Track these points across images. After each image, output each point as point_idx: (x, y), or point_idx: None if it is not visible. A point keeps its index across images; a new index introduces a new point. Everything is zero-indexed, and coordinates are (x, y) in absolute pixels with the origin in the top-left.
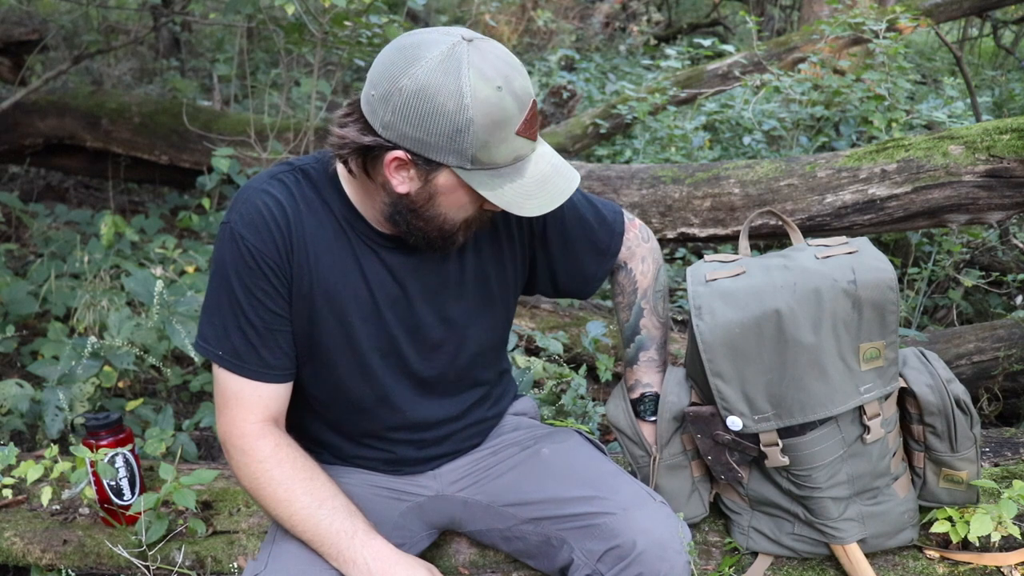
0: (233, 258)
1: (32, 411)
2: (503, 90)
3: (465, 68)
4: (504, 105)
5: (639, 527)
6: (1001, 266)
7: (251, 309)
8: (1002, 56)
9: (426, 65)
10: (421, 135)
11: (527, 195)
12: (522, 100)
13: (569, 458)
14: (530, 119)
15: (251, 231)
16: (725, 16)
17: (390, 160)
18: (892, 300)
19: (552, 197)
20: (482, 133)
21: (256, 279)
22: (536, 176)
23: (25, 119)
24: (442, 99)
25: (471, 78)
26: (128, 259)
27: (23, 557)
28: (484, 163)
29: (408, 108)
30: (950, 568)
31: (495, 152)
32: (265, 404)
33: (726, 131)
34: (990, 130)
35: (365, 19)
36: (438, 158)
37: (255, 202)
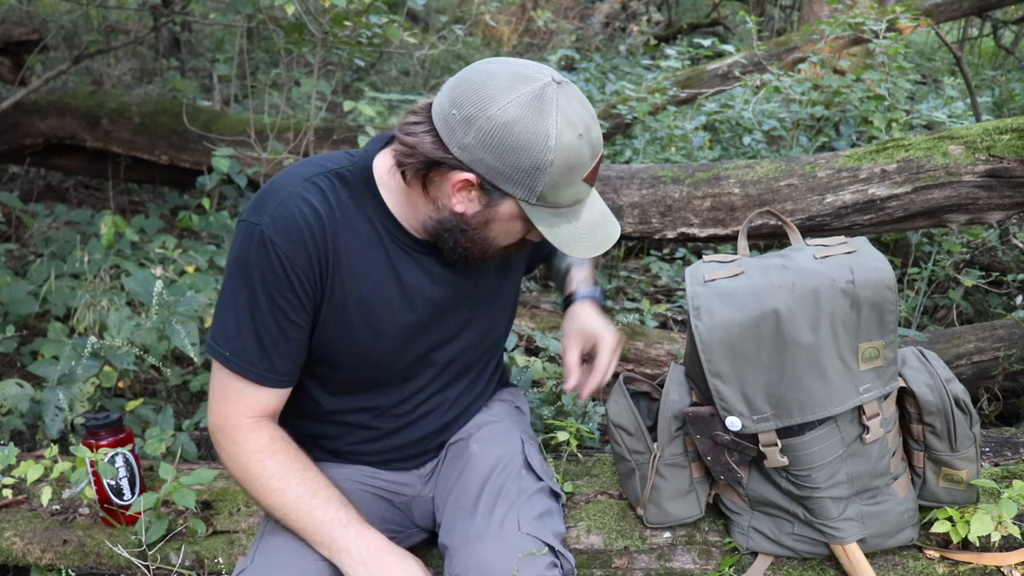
0: (261, 263)
1: (32, 411)
2: (583, 138)
3: (554, 111)
4: (582, 152)
5: (478, 560)
6: (1001, 266)
7: (271, 315)
8: (1002, 56)
9: (518, 100)
10: (499, 165)
11: (579, 238)
12: (595, 149)
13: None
14: (596, 168)
15: (284, 239)
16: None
17: (458, 180)
18: (891, 300)
19: (599, 243)
20: (557, 175)
21: (282, 288)
22: (589, 221)
23: (25, 119)
24: (529, 136)
25: (559, 122)
26: (128, 259)
27: (23, 557)
28: (548, 202)
29: (492, 137)
30: (950, 568)
31: (561, 194)
32: (264, 404)
33: (726, 131)
34: (990, 130)
35: (365, 19)
36: (507, 189)
37: (290, 208)
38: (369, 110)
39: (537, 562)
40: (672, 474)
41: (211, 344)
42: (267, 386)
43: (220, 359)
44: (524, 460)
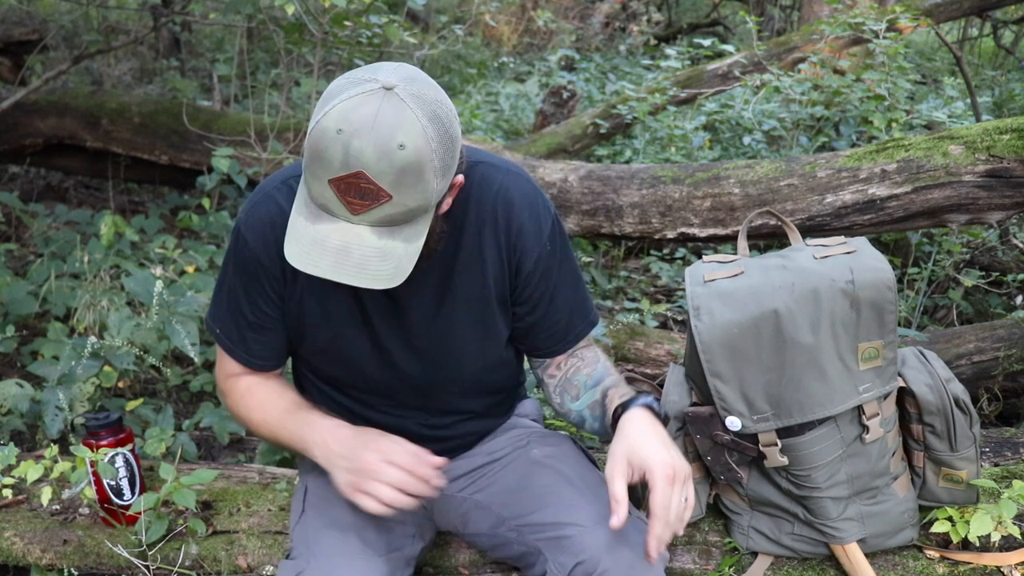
0: (236, 256)
1: (32, 411)
2: (341, 135)
3: (342, 97)
4: (330, 147)
5: (608, 544)
6: (1001, 266)
7: (245, 303)
8: (1002, 56)
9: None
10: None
11: (295, 237)
12: (349, 160)
13: (554, 464)
14: (348, 182)
15: (252, 234)
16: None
17: None
18: (890, 300)
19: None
20: (308, 156)
21: (250, 280)
22: (318, 236)
23: (25, 119)
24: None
25: (333, 107)
26: (128, 259)
27: (23, 557)
28: (308, 187)
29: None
30: (950, 568)
31: (310, 182)
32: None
33: (726, 131)
34: (990, 130)
35: (365, 19)
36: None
37: (260, 208)
38: None
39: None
40: None
41: (208, 320)
42: (254, 370)
43: (213, 334)
44: (584, 454)
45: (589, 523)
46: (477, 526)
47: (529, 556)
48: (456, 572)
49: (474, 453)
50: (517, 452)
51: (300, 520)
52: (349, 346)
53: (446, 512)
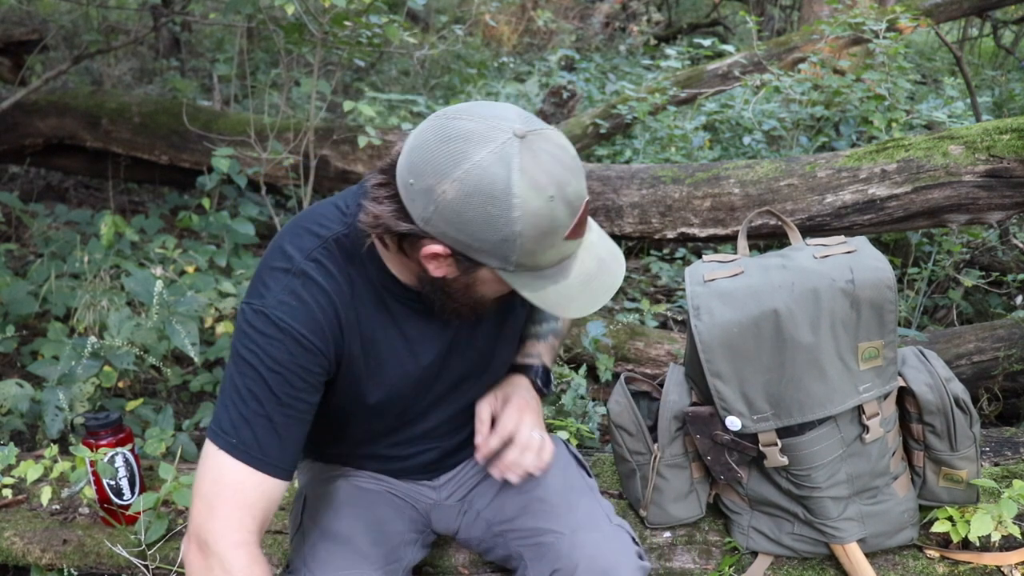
0: (272, 348)
1: (32, 411)
2: (555, 200)
3: (516, 175)
4: (555, 215)
5: (583, 552)
6: (1001, 266)
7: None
8: (1002, 56)
9: (474, 170)
10: (464, 238)
11: (570, 298)
12: (574, 206)
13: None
14: (580, 222)
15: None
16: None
17: (427, 252)
18: (890, 299)
19: (595, 297)
20: (529, 244)
21: (296, 371)
22: (580, 276)
23: (25, 119)
24: (490, 209)
25: (522, 188)
26: (128, 259)
27: (23, 557)
28: (528, 267)
29: (452, 212)
30: (950, 568)
31: (540, 258)
32: (263, 504)
33: (726, 131)
34: (990, 130)
35: (365, 19)
36: (480, 259)
37: (297, 290)
38: (369, 110)
39: (632, 551)
40: (673, 475)
41: (216, 431)
42: (269, 475)
43: (226, 447)
44: (575, 459)
45: (567, 530)
46: (469, 531)
47: (513, 561)
48: (456, 572)
49: (474, 461)
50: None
51: (298, 532)
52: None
53: (444, 520)
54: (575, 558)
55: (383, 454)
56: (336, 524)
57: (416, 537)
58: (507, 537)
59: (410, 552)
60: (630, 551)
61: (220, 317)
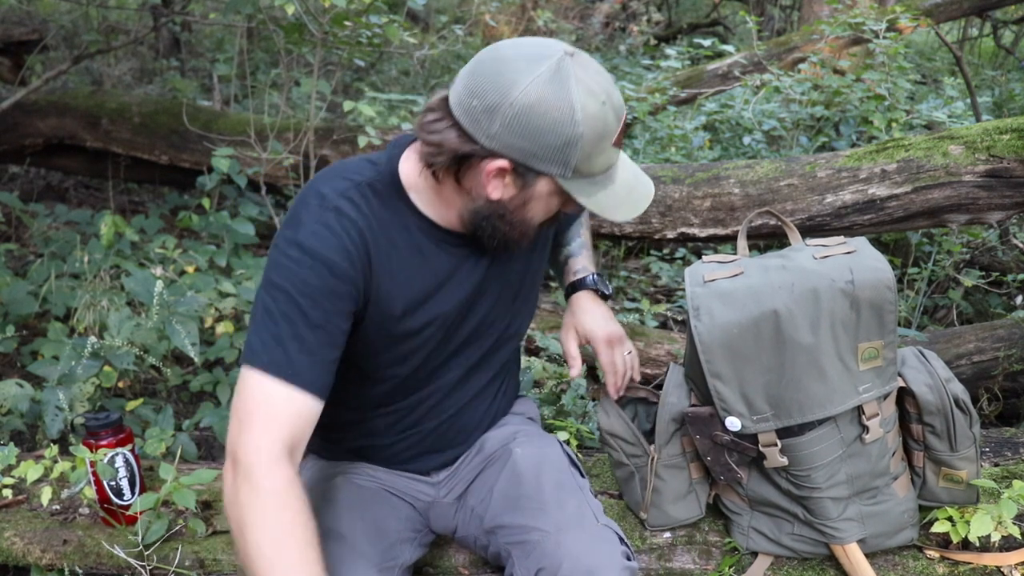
0: (304, 275)
1: (32, 411)
2: (607, 104)
3: (574, 84)
4: (608, 119)
5: (568, 551)
6: (1001, 266)
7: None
8: (1002, 56)
9: (538, 80)
10: (530, 146)
11: (618, 202)
12: (619, 113)
13: (533, 464)
14: (623, 130)
15: (326, 247)
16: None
17: (492, 169)
18: (890, 300)
19: (637, 203)
20: (588, 146)
21: (328, 295)
22: (624, 183)
23: (25, 119)
24: (556, 114)
25: (580, 94)
26: (128, 259)
27: (23, 557)
28: (583, 173)
29: (519, 121)
30: (950, 568)
31: (594, 163)
32: (294, 420)
33: (726, 131)
34: (990, 130)
35: (365, 19)
36: (542, 168)
37: (329, 222)
38: (369, 110)
39: (617, 551)
40: (671, 476)
41: (246, 357)
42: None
43: (258, 366)
44: (568, 458)
45: (552, 529)
46: (466, 529)
47: (502, 559)
48: (456, 572)
49: (472, 457)
50: (502, 450)
51: None
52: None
53: (442, 518)
54: (559, 557)
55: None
56: (333, 521)
57: (413, 536)
58: (497, 534)
59: (407, 551)
60: (615, 551)
61: (220, 317)
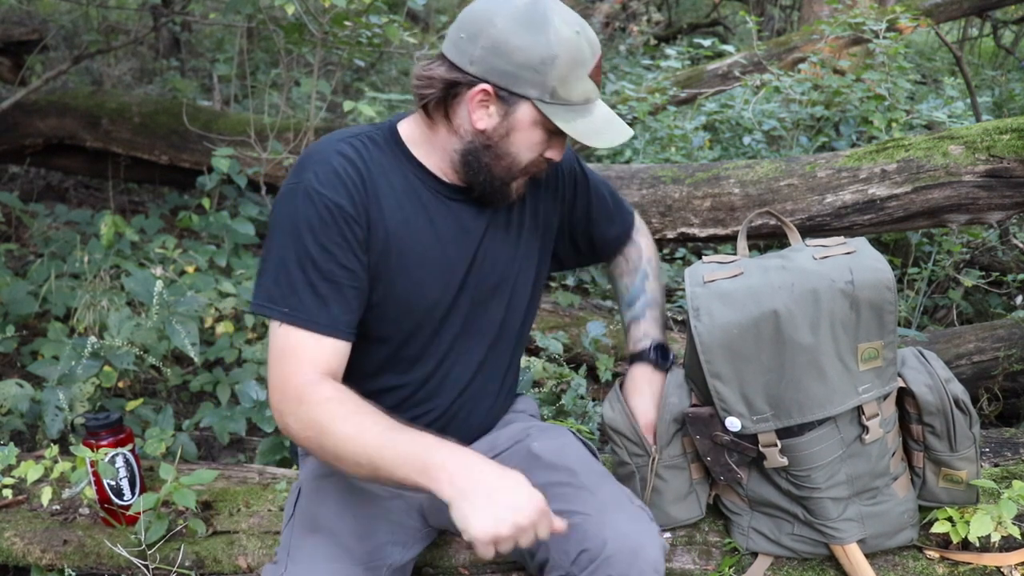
0: (308, 214)
1: (32, 411)
2: (580, 35)
3: (551, 12)
4: (581, 47)
5: (612, 531)
6: (1001, 266)
7: (324, 264)
8: (1002, 56)
9: (516, 9)
10: (509, 67)
11: (596, 131)
12: (594, 47)
13: (556, 455)
14: (598, 67)
15: (329, 188)
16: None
17: (475, 93)
18: (890, 300)
19: (616, 134)
20: (563, 68)
21: (332, 234)
22: (601, 117)
23: (25, 119)
24: (533, 35)
25: (556, 21)
26: (128, 259)
27: (23, 557)
28: (561, 98)
29: (499, 42)
30: (950, 568)
31: (572, 89)
32: (326, 360)
33: (726, 131)
34: (990, 130)
35: (365, 19)
36: (522, 91)
37: (330, 162)
38: (369, 110)
39: (656, 530)
40: (672, 476)
41: (265, 305)
42: (330, 336)
43: (279, 316)
44: (586, 447)
45: (593, 511)
46: None
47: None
48: (456, 572)
49: (476, 448)
50: (517, 447)
51: (289, 523)
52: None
53: (443, 512)
54: (604, 537)
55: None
56: (324, 517)
57: (406, 539)
58: None
59: (396, 553)
60: (654, 530)
61: (220, 317)
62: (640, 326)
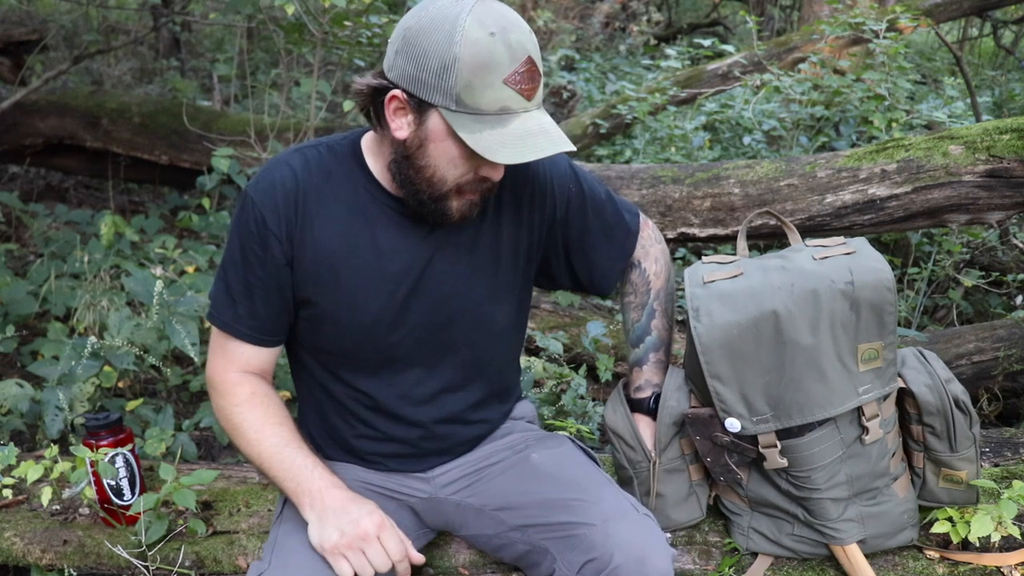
0: (240, 219)
1: (32, 411)
2: (496, 36)
3: (465, 14)
4: (493, 50)
5: (617, 541)
6: (1001, 266)
7: (241, 268)
8: (1002, 56)
9: (431, 10)
10: (414, 71)
11: (502, 143)
12: (515, 51)
13: (557, 465)
14: (523, 73)
15: (260, 197)
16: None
17: (389, 100)
18: (890, 301)
19: (528, 150)
20: (466, 72)
21: (252, 243)
22: (519, 130)
23: (25, 119)
24: (435, 36)
25: (466, 22)
26: (128, 259)
27: (23, 557)
28: (468, 106)
29: (407, 45)
30: (950, 568)
31: (479, 96)
32: (246, 360)
33: (726, 131)
34: (990, 130)
35: (365, 19)
36: (427, 97)
37: (271, 172)
38: None
39: (663, 538)
40: (671, 479)
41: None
42: (239, 340)
43: (210, 318)
44: (586, 454)
45: (598, 521)
46: (475, 528)
47: (534, 555)
48: (456, 572)
49: (477, 458)
50: (516, 457)
51: (277, 520)
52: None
53: (437, 514)
54: (610, 547)
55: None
56: None
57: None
58: (528, 532)
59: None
60: (661, 538)
61: None
62: (642, 373)
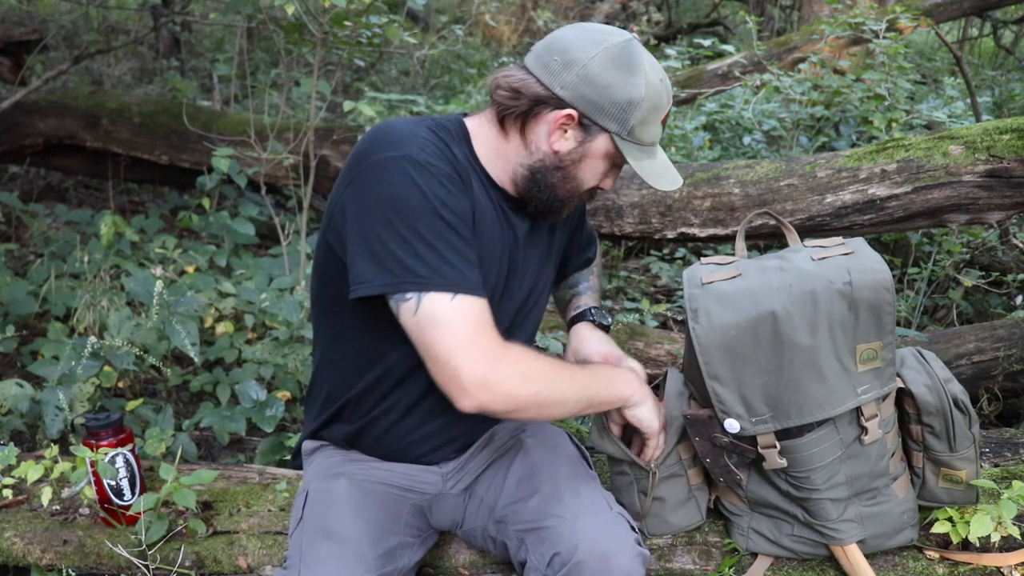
0: (429, 184)
1: (32, 411)
2: (663, 83)
3: (642, 57)
4: (661, 95)
5: (583, 536)
6: (1001, 266)
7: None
8: (1002, 56)
9: (612, 47)
10: (598, 99)
11: (659, 173)
12: (670, 95)
13: (543, 457)
14: (668, 113)
15: (437, 159)
16: (725, 16)
17: (560, 116)
18: (888, 301)
19: (673, 179)
20: (646, 111)
21: (452, 199)
22: (662, 160)
23: (25, 119)
24: (624, 76)
25: (646, 66)
26: (128, 259)
27: (23, 557)
28: (636, 137)
29: (594, 74)
30: (950, 568)
31: (646, 131)
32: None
33: (726, 131)
34: (990, 130)
35: (365, 19)
36: (603, 123)
37: (421, 136)
38: (369, 110)
39: (631, 538)
40: (670, 485)
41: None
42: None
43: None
44: (578, 451)
45: (568, 515)
46: (473, 521)
47: (511, 547)
48: (456, 572)
49: (479, 450)
50: (512, 440)
51: (298, 527)
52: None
53: (446, 512)
54: (575, 542)
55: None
56: (335, 522)
57: (413, 540)
58: (508, 523)
59: (407, 555)
60: (629, 537)
61: (220, 317)
62: (582, 299)
